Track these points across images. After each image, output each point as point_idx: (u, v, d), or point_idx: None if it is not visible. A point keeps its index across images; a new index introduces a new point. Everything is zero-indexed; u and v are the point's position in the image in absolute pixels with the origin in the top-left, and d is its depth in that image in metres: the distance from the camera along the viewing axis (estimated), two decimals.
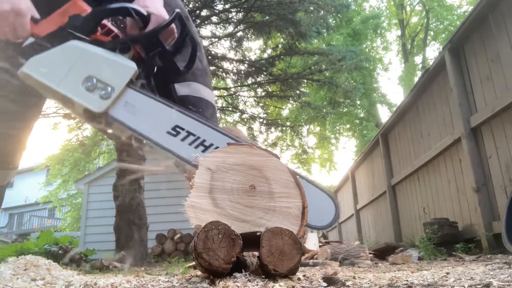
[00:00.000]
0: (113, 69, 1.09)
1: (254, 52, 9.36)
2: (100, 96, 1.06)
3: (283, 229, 0.91)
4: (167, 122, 1.07)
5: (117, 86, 1.07)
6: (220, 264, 0.86)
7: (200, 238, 0.87)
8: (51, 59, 1.09)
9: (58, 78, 1.08)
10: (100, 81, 1.07)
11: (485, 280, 0.90)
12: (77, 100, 1.07)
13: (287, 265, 0.89)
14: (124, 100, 1.08)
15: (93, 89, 1.07)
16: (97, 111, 1.06)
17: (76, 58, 1.09)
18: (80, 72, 1.08)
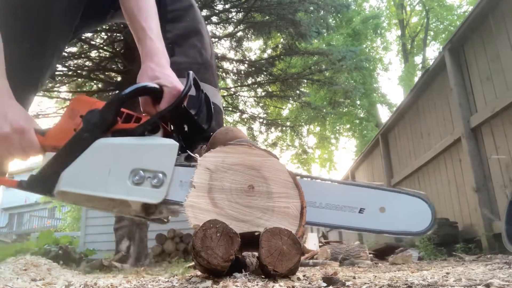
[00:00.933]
0: (156, 153, 1.02)
1: (254, 52, 9.36)
2: (153, 186, 1.00)
3: (282, 229, 0.91)
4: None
5: (167, 169, 1.01)
6: (219, 262, 0.86)
7: (198, 236, 0.88)
8: (85, 167, 1.01)
9: (103, 184, 1.00)
10: (147, 170, 1.01)
11: (485, 280, 0.90)
12: (131, 198, 1.00)
13: (286, 265, 0.89)
14: (178, 180, 1.01)
15: (142, 182, 1.00)
16: (156, 202, 0.99)
17: (112, 156, 1.01)
18: (123, 169, 1.01)
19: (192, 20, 1.39)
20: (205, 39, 1.42)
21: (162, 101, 1.08)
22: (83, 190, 1.00)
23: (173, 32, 1.34)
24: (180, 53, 1.32)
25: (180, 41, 1.34)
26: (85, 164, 1.01)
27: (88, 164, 1.01)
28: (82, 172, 1.00)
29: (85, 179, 1.00)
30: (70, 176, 1.00)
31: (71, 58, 7.07)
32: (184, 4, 1.38)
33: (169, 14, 1.34)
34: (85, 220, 8.92)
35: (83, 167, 1.01)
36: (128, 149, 1.02)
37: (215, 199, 0.98)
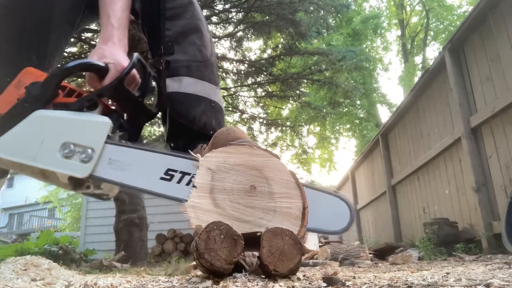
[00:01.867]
0: (88, 129, 1.03)
1: (254, 52, 9.36)
2: (81, 160, 1.01)
3: (283, 229, 0.91)
4: (158, 168, 1.02)
5: (96, 145, 1.02)
6: (222, 264, 0.86)
7: (202, 238, 0.88)
8: (20, 136, 1.03)
9: (33, 153, 1.02)
10: (77, 145, 1.02)
11: (485, 280, 0.90)
12: (59, 170, 1.01)
13: (287, 266, 0.89)
14: (107, 157, 1.02)
15: (72, 155, 1.01)
16: (82, 176, 1.00)
17: (46, 128, 1.03)
18: (54, 141, 1.02)
19: (192, 17, 1.38)
20: (205, 37, 1.40)
21: (106, 78, 1.09)
22: (14, 158, 1.02)
23: (172, 30, 1.33)
24: (179, 51, 1.31)
25: (179, 38, 1.33)
26: (20, 133, 1.03)
27: (23, 133, 1.03)
28: (16, 140, 1.03)
29: (18, 147, 1.02)
30: (4, 142, 1.03)
31: (71, 58, 7.07)
32: (184, 1, 1.37)
33: (168, 11, 1.33)
34: (85, 220, 8.92)
35: (18, 136, 1.03)
36: (61, 122, 1.04)
37: (216, 199, 0.98)
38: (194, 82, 1.30)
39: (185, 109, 1.28)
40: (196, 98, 1.29)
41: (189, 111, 1.28)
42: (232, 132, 1.13)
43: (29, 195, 22.79)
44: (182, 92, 1.27)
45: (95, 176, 1.01)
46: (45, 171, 1.04)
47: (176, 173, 1.02)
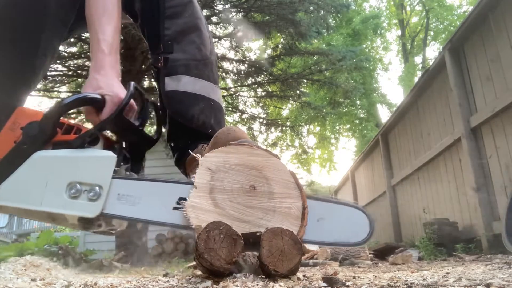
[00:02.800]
0: (93, 166, 1.00)
1: (254, 52, 9.36)
2: (90, 199, 0.98)
3: (283, 229, 0.91)
4: (170, 199, 0.99)
5: (103, 182, 0.99)
6: (222, 264, 0.86)
7: (201, 238, 0.88)
8: (22, 180, 0.99)
9: (39, 198, 0.98)
10: (84, 183, 0.99)
11: (485, 280, 0.90)
12: (67, 212, 0.98)
13: (287, 266, 0.89)
14: (115, 193, 0.99)
15: (79, 195, 0.98)
16: (92, 216, 0.97)
17: (49, 169, 1.00)
18: (59, 182, 0.99)
19: (191, 16, 1.37)
20: (205, 35, 1.39)
21: (104, 111, 1.06)
22: (19, 204, 0.98)
23: (172, 29, 1.32)
24: (178, 50, 1.30)
25: (178, 37, 1.32)
26: (23, 177, 0.99)
27: (25, 177, 0.99)
28: (19, 186, 0.99)
29: (22, 193, 0.98)
30: (8, 189, 0.99)
31: (71, 58, 7.07)
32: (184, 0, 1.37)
33: (168, 10, 1.33)
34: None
35: (21, 180, 0.99)
36: (64, 161, 1.00)
37: (216, 199, 0.98)
38: (193, 81, 1.30)
39: (183, 108, 1.27)
40: (194, 96, 1.28)
41: (188, 109, 1.27)
42: (233, 132, 1.12)
43: None
44: (180, 91, 1.26)
45: (106, 214, 0.98)
46: (53, 214, 1.01)
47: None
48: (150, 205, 0.99)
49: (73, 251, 5.57)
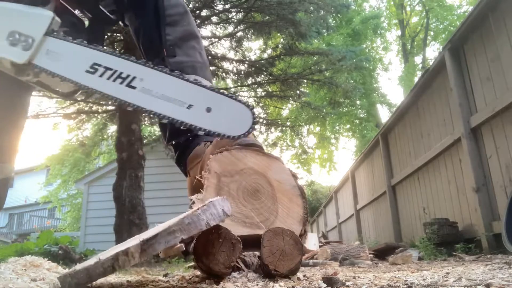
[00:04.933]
0: (32, 20, 1.13)
1: (254, 52, 9.36)
2: (23, 48, 1.10)
3: (284, 229, 0.91)
4: (85, 61, 1.11)
5: (36, 35, 1.11)
6: (220, 268, 0.86)
7: (200, 241, 0.87)
8: None
9: None
10: (22, 34, 1.11)
11: (485, 280, 0.90)
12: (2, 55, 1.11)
13: (288, 265, 0.89)
14: (45, 48, 1.11)
15: (16, 43, 1.11)
16: (20, 62, 1.10)
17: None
18: (3, 28, 1.12)
19: (189, 25, 1.51)
20: (202, 43, 1.55)
21: None
22: None
23: (172, 35, 1.44)
24: (181, 54, 1.40)
25: (180, 43, 1.44)
26: None
27: None
28: None
29: None
30: None
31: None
32: (180, 10, 1.50)
33: (168, 18, 1.45)
34: (85, 220, 8.92)
35: None
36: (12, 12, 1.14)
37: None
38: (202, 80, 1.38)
39: None
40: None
41: None
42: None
43: (29, 195, 22.79)
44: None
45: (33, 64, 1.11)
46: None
47: (100, 67, 1.10)
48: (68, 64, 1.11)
49: (73, 251, 5.57)
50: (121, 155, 6.12)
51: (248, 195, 1.01)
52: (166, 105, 1.07)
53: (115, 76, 1.09)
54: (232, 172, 1.03)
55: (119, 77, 1.09)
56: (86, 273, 0.77)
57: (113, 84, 1.08)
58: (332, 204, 11.84)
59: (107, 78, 1.09)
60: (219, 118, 1.06)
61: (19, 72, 1.14)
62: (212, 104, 1.07)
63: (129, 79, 1.09)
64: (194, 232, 0.80)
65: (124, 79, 1.09)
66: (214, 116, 1.06)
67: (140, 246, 0.75)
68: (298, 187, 1.03)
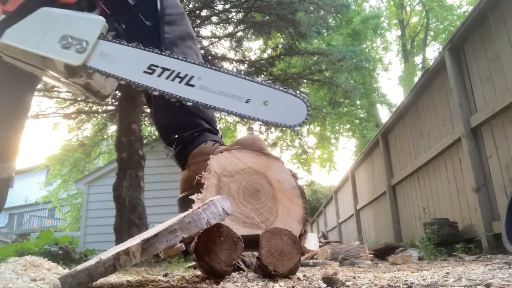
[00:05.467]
0: (84, 25, 1.19)
1: (254, 52, 9.36)
2: (77, 51, 1.15)
3: (282, 229, 0.91)
4: (142, 63, 1.16)
5: (90, 39, 1.16)
6: (222, 267, 0.86)
7: (201, 240, 0.88)
8: (27, 27, 1.19)
9: (36, 42, 1.17)
10: (74, 38, 1.17)
11: (485, 280, 0.90)
12: (57, 57, 1.16)
13: (287, 265, 0.89)
14: (99, 51, 1.17)
15: (69, 46, 1.16)
16: (76, 64, 1.15)
17: (49, 22, 1.19)
18: (55, 33, 1.17)
19: (186, 26, 1.55)
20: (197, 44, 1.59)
21: None
22: (20, 45, 1.18)
23: (171, 34, 1.47)
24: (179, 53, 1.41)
25: (177, 42, 1.48)
26: (27, 25, 1.19)
27: (29, 25, 1.19)
28: (23, 31, 1.19)
29: (24, 37, 1.19)
30: (13, 32, 1.19)
31: None
32: (179, 10, 1.54)
33: (167, 17, 1.48)
34: (85, 220, 8.92)
35: (25, 28, 1.19)
36: (62, 17, 1.20)
37: None
38: None
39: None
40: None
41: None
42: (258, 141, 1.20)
43: (29, 195, 22.80)
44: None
45: (87, 66, 1.16)
46: (45, 60, 1.19)
47: (157, 68, 1.15)
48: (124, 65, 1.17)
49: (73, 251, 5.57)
50: (121, 155, 6.12)
51: (249, 195, 1.02)
52: (225, 100, 1.11)
53: (173, 76, 1.14)
54: (232, 172, 1.03)
55: (177, 76, 1.14)
56: (87, 273, 0.77)
57: (172, 82, 1.13)
58: (332, 204, 11.84)
59: (165, 78, 1.14)
60: (275, 110, 1.11)
61: (72, 73, 1.19)
62: (269, 97, 1.11)
63: (187, 78, 1.13)
64: (194, 231, 0.80)
65: (182, 78, 1.14)
66: (271, 108, 1.11)
67: (141, 245, 0.75)
68: (298, 187, 1.03)
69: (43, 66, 1.23)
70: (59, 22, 1.19)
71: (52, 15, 1.20)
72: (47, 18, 1.20)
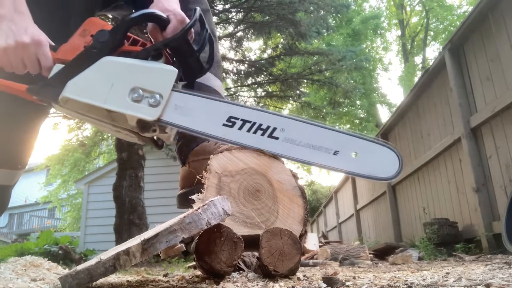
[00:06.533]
0: (156, 76, 1.09)
1: (254, 52, 9.36)
2: (150, 104, 1.06)
3: (282, 229, 0.91)
4: (220, 115, 1.08)
5: (164, 91, 1.08)
6: (222, 267, 0.86)
7: (202, 240, 0.88)
8: (90, 79, 1.08)
9: (104, 96, 1.07)
10: (146, 90, 1.08)
11: (485, 280, 0.90)
12: (129, 112, 1.06)
13: (287, 265, 0.89)
14: (173, 103, 1.08)
15: (141, 100, 1.07)
16: (151, 119, 1.06)
17: (116, 73, 1.09)
18: (124, 85, 1.08)
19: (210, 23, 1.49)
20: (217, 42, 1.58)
21: (168, 29, 1.15)
22: (85, 99, 1.07)
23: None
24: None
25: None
26: (90, 76, 1.08)
27: (93, 76, 1.08)
28: (86, 83, 1.08)
29: (88, 90, 1.08)
30: (75, 85, 1.08)
31: None
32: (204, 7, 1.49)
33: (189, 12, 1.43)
34: (85, 220, 8.92)
35: (88, 79, 1.08)
36: (131, 68, 1.09)
37: None
38: (213, 78, 1.44)
39: None
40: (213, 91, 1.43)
41: None
42: None
43: (29, 195, 22.80)
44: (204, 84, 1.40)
45: (162, 120, 1.07)
46: (113, 114, 1.09)
47: (237, 121, 1.07)
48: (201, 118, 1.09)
49: (73, 251, 5.57)
50: (121, 155, 6.12)
51: (249, 195, 1.02)
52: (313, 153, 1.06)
53: (254, 128, 1.07)
54: (233, 172, 1.03)
55: (259, 128, 1.07)
56: (87, 273, 0.77)
57: (254, 136, 1.06)
58: (332, 204, 11.84)
59: (247, 131, 1.07)
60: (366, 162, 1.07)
61: (144, 128, 1.10)
62: (358, 148, 1.07)
63: (270, 130, 1.07)
64: (194, 231, 0.80)
65: (264, 130, 1.07)
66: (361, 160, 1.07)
67: (141, 246, 0.76)
68: (298, 187, 1.03)
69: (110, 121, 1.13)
70: (127, 73, 1.09)
71: (118, 66, 1.09)
72: (113, 69, 1.09)
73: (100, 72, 1.08)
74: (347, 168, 1.06)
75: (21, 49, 1.05)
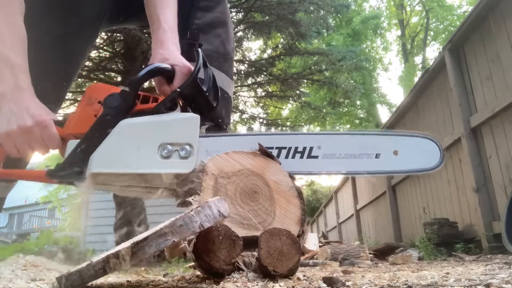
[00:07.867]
0: (180, 127, 1.07)
1: (254, 52, 9.36)
2: (181, 157, 1.04)
3: (280, 229, 0.91)
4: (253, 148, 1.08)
5: (192, 141, 1.06)
6: (221, 265, 0.86)
7: (200, 240, 0.88)
8: (115, 147, 1.04)
9: (133, 161, 1.03)
10: (174, 144, 1.05)
11: (485, 280, 0.90)
12: (163, 171, 1.04)
13: (286, 265, 0.89)
14: (204, 150, 1.07)
15: (171, 155, 1.04)
16: (188, 171, 1.04)
17: (139, 135, 1.05)
18: (151, 145, 1.04)
19: (221, 13, 1.46)
20: (230, 33, 1.49)
21: (175, 79, 1.12)
22: (115, 169, 1.03)
23: (202, 20, 1.41)
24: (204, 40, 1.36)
25: (206, 29, 1.40)
26: (114, 145, 1.03)
27: (116, 144, 1.03)
28: (112, 153, 1.03)
29: (116, 159, 1.03)
30: (101, 157, 1.02)
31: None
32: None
33: (202, 2, 1.41)
34: (85, 220, 8.92)
35: (112, 148, 1.03)
36: (153, 126, 1.05)
37: None
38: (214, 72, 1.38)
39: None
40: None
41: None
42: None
43: (29, 195, 22.77)
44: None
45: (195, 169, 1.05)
46: (146, 176, 1.05)
47: (272, 150, 1.07)
48: None
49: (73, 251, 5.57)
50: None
51: (246, 196, 1.02)
52: (356, 162, 1.06)
53: (292, 153, 1.07)
54: (229, 173, 1.03)
55: (296, 152, 1.07)
56: (78, 275, 0.77)
57: (294, 160, 1.06)
58: (332, 204, 11.84)
59: (285, 157, 1.06)
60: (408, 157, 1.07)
61: (183, 182, 1.06)
62: (397, 146, 1.08)
63: (307, 151, 1.06)
64: (186, 234, 0.79)
65: (302, 152, 1.07)
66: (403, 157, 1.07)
67: (130, 249, 0.75)
68: (295, 188, 1.03)
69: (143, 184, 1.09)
70: (150, 132, 1.05)
71: (139, 127, 1.05)
72: (135, 131, 1.05)
73: (122, 138, 1.04)
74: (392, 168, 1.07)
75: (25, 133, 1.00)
